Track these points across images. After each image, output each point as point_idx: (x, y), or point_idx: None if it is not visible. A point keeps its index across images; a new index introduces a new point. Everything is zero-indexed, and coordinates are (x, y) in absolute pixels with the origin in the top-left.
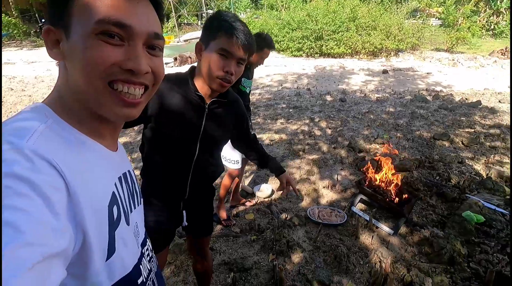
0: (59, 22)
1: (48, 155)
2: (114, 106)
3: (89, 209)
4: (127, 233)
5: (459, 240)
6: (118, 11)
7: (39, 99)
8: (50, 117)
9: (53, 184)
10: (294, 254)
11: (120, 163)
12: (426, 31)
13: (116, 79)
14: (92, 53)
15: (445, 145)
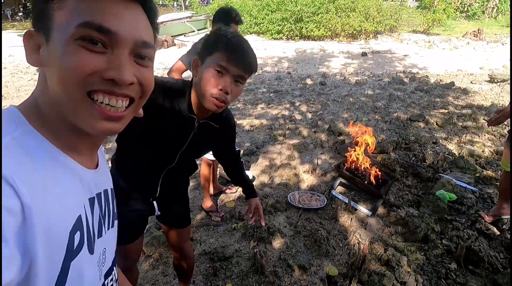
0: (41, 26)
1: (5, 170)
2: (92, 119)
3: (44, 234)
4: (88, 263)
5: (433, 218)
6: (102, 15)
7: (11, 93)
8: (20, 126)
9: (7, 206)
10: (275, 240)
11: (96, 182)
12: (404, 12)
13: (96, 89)
14: (71, 60)
15: (421, 126)
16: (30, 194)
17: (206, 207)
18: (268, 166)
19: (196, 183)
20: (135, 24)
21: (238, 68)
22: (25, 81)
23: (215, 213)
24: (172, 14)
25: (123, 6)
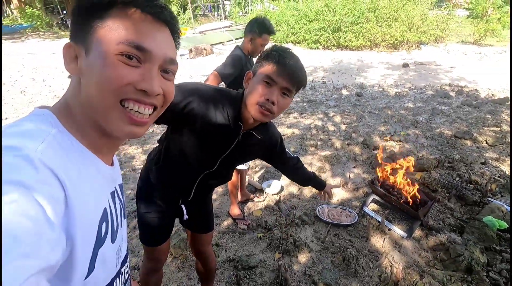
0: (81, 39)
1: (52, 165)
2: (121, 123)
3: (81, 223)
4: (110, 251)
5: (478, 247)
6: (140, 35)
7: (58, 90)
8: (55, 126)
9: (54, 195)
10: (301, 254)
11: (114, 178)
12: (452, 22)
13: (128, 97)
14: (111, 71)
15: (467, 144)
16: (70, 186)
17: (233, 214)
18: None
19: (225, 189)
20: (165, 44)
21: (285, 80)
22: None
23: (241, 221)
24: (212, 23)
25: (156, 29)
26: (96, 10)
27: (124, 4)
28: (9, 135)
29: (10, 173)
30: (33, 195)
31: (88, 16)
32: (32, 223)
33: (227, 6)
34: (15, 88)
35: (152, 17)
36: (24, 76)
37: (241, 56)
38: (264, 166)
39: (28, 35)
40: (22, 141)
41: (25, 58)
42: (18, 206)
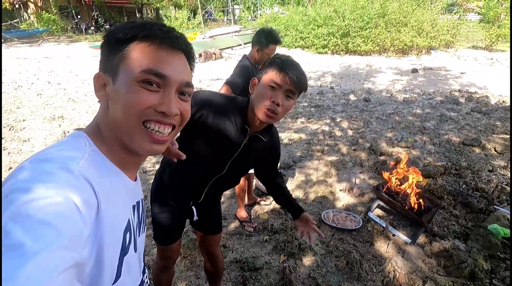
0: (108, 69)
1: (89, 177)
2: (144, 142)
3: (110, 230)
4: (134, 260)
5: (482, 254)
6: (159, 63)
7: (73, 93)
8: (89, 145)
9: (89, 201)
10: (305, 257)
11: (136, 193)
12: (463, 27)
13: (149, 119)
14: (133, 97)
15: (476, 152)
16: (102, 196)
17: (240, 216)
18: (304, 181)
19: (232, 192)
20: (181, 70)
21: (288, 83)
22: (92, 87)
23: (248, 224)
24: (221, 28)
25: (172, 56)
26: (120, 43)
27: (144, 37)
28: (52, 154)
29: (54, 179)
30: (72, 197)
31: (114, 49)
32: (70, 219)
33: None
34: (32, 91)
35: (168, 46)
36: (40, 79)
37: (248, 65)
38: None
39: (44, 39)
40: (64, 158)
41: (41, 61)
42: (58, 204)
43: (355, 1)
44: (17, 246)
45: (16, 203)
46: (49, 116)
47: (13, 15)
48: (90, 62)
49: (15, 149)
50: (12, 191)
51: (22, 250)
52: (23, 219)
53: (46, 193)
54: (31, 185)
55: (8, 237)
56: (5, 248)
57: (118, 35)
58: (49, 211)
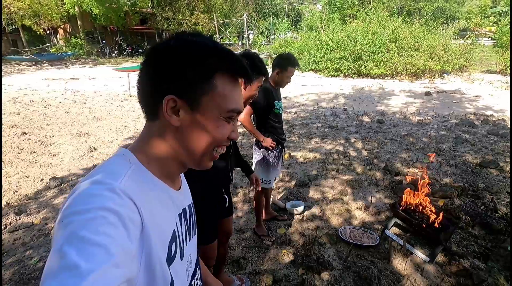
0: (187, 95)
1: (132, 195)
2: (208, 161)
3: (155, 244)
4: (180, 267)
5: (503, 274)
6: (239, 100)
7: (97, 111)
8: (133, 163)
9: (133, 218)
10: (323, 271)
11: (182, 200)
12: (476, 52)
13: (221, 145)
14: (220, 131)
15: (493, 173)
16: (145, 213)
17: (258, 231)
18: (320, 198)
19: (250, 207)
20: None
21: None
22: (114, 106)
23: (266, 237)
24: (237, 52)
25: (240, 86)
26: (202, 73)
27: (226, 69)
28: (98, 174)
29: (100, 200)
30: (117, 215)
31: (193, 74)
32: (117, 238)
33: (250, 36)
34: (60, 109)
35: (241, 79)
36: (67, 99)
37: (268, 87)
38: (287, 188)
39: (71, 62)
40: (108, 178)
41: (68, 82)
42: (106, 224)
43: (367, 27)
44: (72, 267)
45: (70, 226)
46: (76, 133)
47: (44, 40)
48: (113, 83)
49: (45, 163)
50: (66, 216)
51: (77, 271)
52: (77, 241)
53: (94, 215)
54: (81, 208)
55: (65, 258)
56: (63, 269)
57: (199, 60)
58: (98, 232)
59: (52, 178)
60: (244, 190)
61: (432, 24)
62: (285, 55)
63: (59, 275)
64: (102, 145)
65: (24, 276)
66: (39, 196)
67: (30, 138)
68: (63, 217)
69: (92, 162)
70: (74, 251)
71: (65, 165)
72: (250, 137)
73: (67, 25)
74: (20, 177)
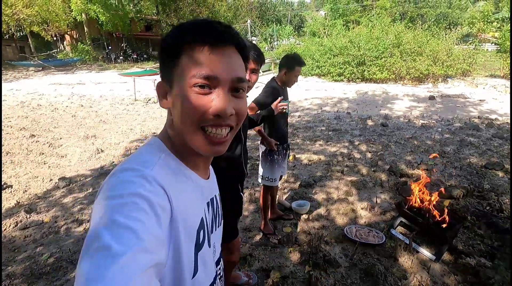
0: (166, 78)
1: (162, 182)
2: (204, 145)
3: (184, 231)
4: (208, 255)
5: (509, 272)
6: (206, 65)
7: (103, 115)
8: (163, 151)
9: (163, 205)
10: (330, 268)
11: (209, 190)
12: (479, 56)
13: (207, 124)
14: (188, 103)
15: (498, 175)
16: (174, 200)
17: (265, 229)
18: (325, 199)
19: (256, 207)
20: (231, 65)
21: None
22: (120, 110)
23: (273, 236)
24: None
25: (220, 53)
26: (171, 52)
27: (191, 41)
28: (131, 162)
29: (132, 187)
30: (147, 201)
31: (167, 56)
32: (148, 224)
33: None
34: (67, 113)
35: (214, 45)
36: (73, 103)
37: (276, 87)
38: (292, 188)
39: (77, 67)
40: (140, 165)
41: (74, 87)
42: (138, 210)
43: (370, 32)
44: (105, 248)
45: (104, 210)
46: (83, 135)
47: (51, 46)
48: (119, 88)
49: (54, 164)
50: (100, 199)
51: (109, 252)
52: (110, 223)
53: (127, 200)
54: (114, 193)
55: (99, 240)
56: (97, 249)
57: (168, 42)
58: (130, 217)
59: (61, 178)
60: (249, 190)
61: (435, 29)
62: (291, 55)
63: (93, 255)
64: (109, 147)
65: (35, 271)
66: (48, 195)
67: (39, 140)
68: (99, 201)
69: (99, 163)
70: (107, 233)
71: (73, 166)
72: (255, 139)
73: (74, 31)
74: (30, 177)
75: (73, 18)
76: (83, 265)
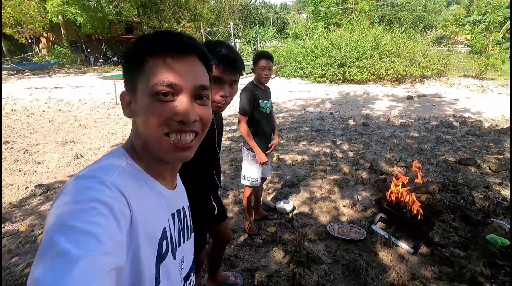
0: (129, 87)
1: (122, 189)
2: (169, 151)
3: (144, 239)
4: (173, 267)
5: (481, 261)
6: (168, 73)
7: (83, 119)
8: (125, 159)
9: (123, 211)
10: (313, 265)
11: (176, 201)
12: (453, 58)
13: (171, 130)
14: (150, 112)
15: (471, 170)
16: (134, 207)
17: (249, 230)
18: (309, 198)
19: (241, 208)
20: (193, 73)
21: (232, 75)
22: (100, 114)
23: (257, 236)
24: None
25: (183, 61)
26: (134, 62)
27: (153, 52)
28: (90, 170)
29: (91, 192)
30: (107, 207)
31: (130, 67)
32: (108, 228)
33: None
34: (44, 118)
35: (177, 54)
36: (51, 107)
37: (251, 88)
38: (276, 188)
39: (54, 71)
40: (100, 172)
41: (51, 91)
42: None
43: (350, 35)
44: (63, 253)
45: (60, 217)
46: (61, 141)
47: (26, 48)
48: (99, 92)
49: (30, 171)
50: (57, 206)
51: (68, 257)
52: (67, 230)
53: (85, 206)
54: (72, 199)
55: (55, 246)
56: (54, 256)
57: (132, 53)
58: (89, 221)
59: (37, 185)
60: (234, 192)
61: (411, 32)
62: (258, 51)
63: (50, 262)
64: (89, 152)
65: (10, 283)
66: (24, 203)
67: (13, 147)
68: (54, 209)
69: (78, 169)
70: (64, 239)
71: (51, 173)
72: (239, 142)
73: (50, 33)
74: (4, 185)
75: (49, 20)
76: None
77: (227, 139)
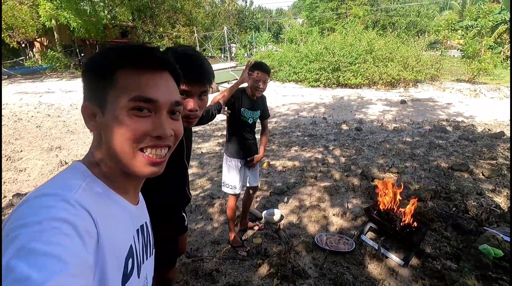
0: (96, 100)
1: (87, 206)
2: (143, 166)
3: (111, 258)
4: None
5: (473, 274)
6: (145, 88)
7: (72, 125)
8: (87, 176)
9: (88, 230)
10: (298, 280)
11: (139, 216)
12: (446, 62)
13: (146, 146)
14: (126, 127)
15: (464, 176)
16: (101, 225)
17: (233, 242)
18: (298, 206)
19: (227, 218)
20: (168, 89)
21: (201, 86)
22: None
23: (241, 248)
24: (218, 64)
25: (158, 77)
26: (102, 74)
27: (125, 64)
28: (50, 187)
29: (53, 211)
30: (71, 225)
31: (97, 78)
32: (72, 247)
33: (233, 49)
34: (31, 123)
35: (151, 69)
36: (40, 112)
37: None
38: (265, 196)
39: (47, 75)
40: (61, 189)
41: (42, 96)
42: (60, 235)
43: (344, 39)
44: (23, 279)
45: (17, 240)
46: (47, 147)
47: (19, 53)
48: None
49: (11, 179)
50: (12, 229)
51: (29, 283)
52: (26, 254)
53: (46, 226)
54: (30, 220)
55: (13, 273)
56: (11, 284)
57: (100, 64)
58: (51, 242)
59: (15, 194)
60: (220, 201)
61: (404, 36)
62: (257, 62)
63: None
64: (74, 158)
65: None
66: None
67: None
68: (9, 232)
69: None
70: (23, 264)
71: (32, 181)
72: None
73: (44, 38)
74: None
75: (42, 24)
76: None
77: (217, 145)
